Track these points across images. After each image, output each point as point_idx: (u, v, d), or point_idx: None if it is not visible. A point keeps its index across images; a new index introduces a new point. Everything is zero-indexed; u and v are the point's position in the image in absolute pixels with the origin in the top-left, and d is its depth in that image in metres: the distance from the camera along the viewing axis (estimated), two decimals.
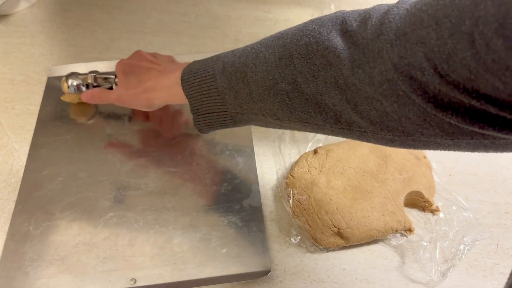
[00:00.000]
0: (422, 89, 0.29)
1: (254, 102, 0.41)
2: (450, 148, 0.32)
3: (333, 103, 0.35)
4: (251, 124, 0.46)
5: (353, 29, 0.33)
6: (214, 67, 0.43)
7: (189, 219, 0.50)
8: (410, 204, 0.52)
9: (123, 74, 0.53)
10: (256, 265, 0.47)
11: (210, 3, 0.77)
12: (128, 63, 0.53)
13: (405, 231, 0.49)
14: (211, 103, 0.45)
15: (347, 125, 0.36)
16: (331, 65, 0.34)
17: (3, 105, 0.61)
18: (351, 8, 0.76)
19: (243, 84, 0.41)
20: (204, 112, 0.46)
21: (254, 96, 0.40)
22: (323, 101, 0.36)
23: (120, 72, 0.53)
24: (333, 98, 0.35)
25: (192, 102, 0.46)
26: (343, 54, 0.33)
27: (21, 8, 0.74)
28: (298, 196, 0.50)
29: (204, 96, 0.45)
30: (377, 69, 0.31)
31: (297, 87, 0.37)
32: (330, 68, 0.34)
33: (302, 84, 0.36)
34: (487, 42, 0.23)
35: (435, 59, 0.27)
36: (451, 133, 0.30)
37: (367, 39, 0.31)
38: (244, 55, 0.41)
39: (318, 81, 0.35)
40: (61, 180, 0.52)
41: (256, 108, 0.41)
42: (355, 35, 0.33)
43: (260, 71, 0.39)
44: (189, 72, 0.46)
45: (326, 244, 0.48)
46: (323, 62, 0.34)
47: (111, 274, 0.46)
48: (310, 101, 0.37)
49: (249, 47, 0.42)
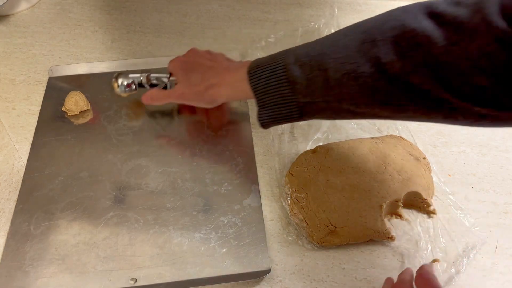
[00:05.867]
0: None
1: (330, 88, 0.41)
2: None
3: (421, 82, 0.36)
4: (317, 117, 0.45)
5: (441, 11, 0.34)
6: (284, 59, 0.44)
7: (189, 219, 0.50)
8: (409, 205, 0.52)
9: (184, 71, 0.53)
10: (256, 265, 0.47)
11: (210, 3, 0.78)
12: (187, 61, 0.54)
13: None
14: (279, 95, 0.44)
15: (436, 102, 0.37)
16: (420, 45, 0.35)
17: (4, 105, 0.62)
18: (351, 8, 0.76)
19: (319, 71, 0.41)
20: (270, 104, 0.45)
21: (331, 82, 0.40)
22: (409, 80, 0.36)
23: (179, 70, 0.54)
24: (421, 77, 0.36)
25: (259, 95, 0.46)
26: (434, 34, 0.34)
27: (22, 9, 0.75)
28: (296, 194, 0.50)
29: (272, 88, 0.44)
30: (474, 44, 0.32)
31: (381, 68, 0.37)
32: (418, 48, 0.35)
33: (387, 65, 0.37)
34: None
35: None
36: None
37: (461, 17, 0.33)
38: (318, 45, 0.42)
39: (405, 62, 0.36)
40: (62, 179, 0.53)
41: (332, 95, 0.41)
42: (444, 16, 0.34)
43: (339, 57, 0.40)
44: (256, 66, 0.46)
45: (322, 242, 0.48)
46: (411, 43, 0.35)
47: (111, 273, 0.46)
48: (395, 81, 0.37)
49: (322, 39, 0.43)
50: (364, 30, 0.39)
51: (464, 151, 0.58)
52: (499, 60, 0.31)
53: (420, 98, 0.37)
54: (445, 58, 0.34)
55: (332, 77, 0.40)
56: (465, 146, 0.59)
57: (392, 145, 0.55)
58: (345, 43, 0.40)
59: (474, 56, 0.32)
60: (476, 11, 0.32)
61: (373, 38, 0.38)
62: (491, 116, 0.35)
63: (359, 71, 0.39)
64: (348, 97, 0.41)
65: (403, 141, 0.56)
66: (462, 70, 0.33)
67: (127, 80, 0.57)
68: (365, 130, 0.60)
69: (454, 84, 0.34)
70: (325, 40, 0.42)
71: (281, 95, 0.44)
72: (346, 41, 0.40)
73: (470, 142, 0.59)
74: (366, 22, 0.40)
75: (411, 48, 0.35)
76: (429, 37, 0.34)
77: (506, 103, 0.33)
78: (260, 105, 0.47)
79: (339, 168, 0.52)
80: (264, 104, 0.46)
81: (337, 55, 0.40)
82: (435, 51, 0.34)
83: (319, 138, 0.59)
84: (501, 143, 0.59)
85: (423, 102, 0.37)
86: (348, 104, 0.41)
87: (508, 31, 0.30)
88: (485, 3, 0.32)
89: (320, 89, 0.41)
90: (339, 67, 0.40)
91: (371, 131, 0.60)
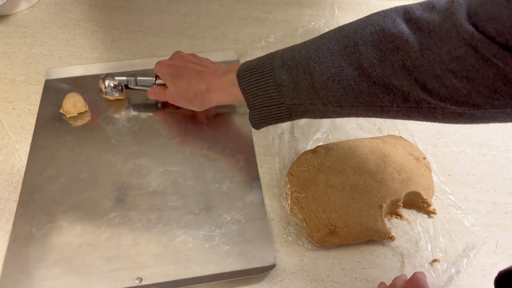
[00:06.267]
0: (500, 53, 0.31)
1: (316, 91, 0.42)
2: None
3: (401, 84, 0.38)
4: (306, 117, 0.47)
5: (417, 16, 0.36)
6: (272, 62, 0.45)
7: (192, 217, 0.50)
8: (409, 205, 0.52)
9: (170, 76, 0.54)
10: (261, 260, 0.47)
11: (210, 3, 0.78)
12: (172, 65, 0.54)
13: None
14: (267, 97, 0.46)
15: (416, 103, 0.38)
16: (399, 49, 0.36)
17: (3, 105, 0.62)
18: (351, 8, 0.76)
19: (305, 75, 0.43)
20: (260, 106, 0.47)
21: (317, 85, 0.42)
22: (390, 82, 0.38)
23: (166, 74, 0.54)
24: (401, 80, 0.37)
25: (248, 98, 0.48)
26: (410, 39, 0.36)
27: (22, 9, 0.75)
28: (296, 194, 0.50)
29: (260, 91, 0.46)
30: (445, 48, 0.33)
31: (363, 71, 0.39)
32: (397, 52, 0.36)
33: (368, 69, 0.39)
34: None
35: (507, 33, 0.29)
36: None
37: (434, 22, 0.34)
38: (304, 49, 0.43)
39: (385, 65, 0.38)
40: (62, 181, 0.53)
41: (317, 98, 0.43)
42: (419, 21, 0.35)
43: (324, 61, 0.41)
44: (245, 69, 0.48)
45: (322, 242, 0.48)
46: (390, 47, 0.37)
47: (116, 273, 0.46)
48: (377, 84, 0.39)
49: (308, 42, 0.44)
50: (346, 34, 0.41)
51: (464, 151, 0.58)
52: (468, 63, 0.32)
53: (401, 99, 0.39)
54: (421, 61, 0.35)
55: (317, 81, 0.42)
56: (465, 146, 0.59)
57: (392, 145, 0.55)
58: (329, 47, 0.41)
59: (446, 60, 0.34)
60: (447, 16, 0.33)
61: (355, 43, 0.39)
62: (467, 114, 0.36)
63: (343, 74, 0.40)
64: (333, 100, 0.42)
65: (403, 141, 0.56)
66: (437, 73, 0.35)
67: (114, 82, 0.58)
68: (365, 130, 0.60)
69: (430, 86, 0.36)
70: (310, 44, 0.44)
71: (270, 97, 0.46)
72: (330, 45, 0.41)
73: (470, 142, 0.59)
74: (348, 27, 0.41)
75: (390, 52, 0.37)
76: (407, 41, 0.36)
77: (479, 102, 0.34)
78: (251, 107, 0.48)
79: (339, 168, 0.52)
80: (254, 106, 0.48)
81: (322, 59, 0.41)
82: (412, 55, 0.36)
83: (319, 138, 0.59)
84: (501, 143, 0.59)
85: (404, 103, 0.39)
86: (334, 106, 0.43)
87: (475, 35, 0.31)
88: (455, 9, 0.33)
89: (306, 92, 0.43)
90: (324, 71, 0.41)
91: (371, 131, 0.60)
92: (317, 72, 0.42)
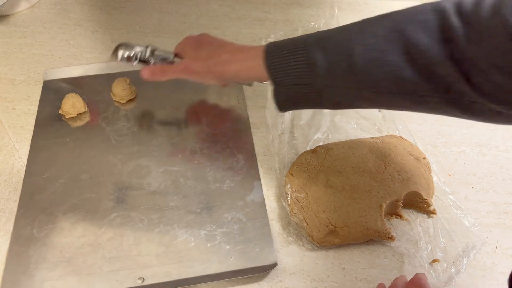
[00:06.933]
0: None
1: (353, 74, 0.41)
2: None
3: (447, 74, 0.37)
4: (333, 103, 0.45)
5: (467, 10, 0.36)
6: (305, 41, 0.44)
7: (193, 217, 0.50)
8: (409, 205, 0.52)
9: (193, 48, 0.52)
10: (263, 259, 0.47)
11: (210, 3, 0.78)
12: (197, 39, 0.53)
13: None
14: (297, 75, 0.43)
15: (458, 94, 0.38)
16: (450, 40, 0.36)
17: (3, 105, 0.62)
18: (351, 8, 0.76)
19: (344, 56, 0.41)
20: (288, 83, 0.44)
21: (356, 68, 0.40)
22: (435, 71, 0.38)
23: (189, 46, 0.53)
24: (447, 69, 0.37)
25: (275, 74, 0.45)
26: (460, 31, 0.36)
27: (21, 9, 0.75)
28: (296, 194, 0.51)
29: (290, 68, 0.44)
30: (491, 43, 0.34)
31: (409, 57, 0.38)
32: (448, 42, 0.36)
33: (415, 55, 0.38)
34: None
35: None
36: None
37: (482, 17, 0.34)
38: (344, 31, 0.42)
39: (433, 54, 0.37)
40: (63, 182, 0.53)
41: (353, 81, 0.41)
42: (469, 16, 0.35)
43: (367, 43, 0.40)
44: (274, 45, 0.46)
45: (322, 242, 0.48)
46: (440, 37, 0.37)
47: (118, 273, 0.46)
48: (422, 72, 0.38)
49: (345, 26, 0.43)
50: (393, 20, 0.40)
51: (464, 151, 0.58)
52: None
53: (443, 89, 0.38)
54: (469, 54, 0.35)
55: (358, 63, 0.40)
56: (465, 146, 0.59)
57: (392, 145, 0.55)
58: (373, 30, 0.40)
59: (492, 55, 0.34)
60: (494, 11, 0.34)
61: (402, 28, 0.38)
62: (505, 113, 0.37)
63: (386, 58, 0.39)
64: (371, 85, 0.41)
65: (403, 141, 0.56)
66: (482, 67, 0.35)
67: (129, 52, 0.53)
68: (365, 130, 0.60)
69: (475, 80, 0.36)
70: (351, 27, 0.42)
71: (300, 76, 0.43)
72: (374, 29, 0.40)
73: (470, 142, 0.59)
74: (396, 13, 0.41)
75: (440, 42, 0.37)
76: (457, 33, 0.36)
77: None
78: (278, 84, 0.45)
79: (339, 168, 0.52)
80: (282, 83, 0.45)
81: (364, 42, 0.40)
82: (461, 48, 0.36)
83: (319, 138, 0.59)
84: (501, 143, 0.59)
85: (446, 94, 0.39)
86: (369, 92, 0.41)
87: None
88: (502, 4, 0.33)
89: (342, 74, 0.41)
90: (365, 54, 0.40)
91: (371, 131, 0.60)
92: (358, 55, 0.40)
